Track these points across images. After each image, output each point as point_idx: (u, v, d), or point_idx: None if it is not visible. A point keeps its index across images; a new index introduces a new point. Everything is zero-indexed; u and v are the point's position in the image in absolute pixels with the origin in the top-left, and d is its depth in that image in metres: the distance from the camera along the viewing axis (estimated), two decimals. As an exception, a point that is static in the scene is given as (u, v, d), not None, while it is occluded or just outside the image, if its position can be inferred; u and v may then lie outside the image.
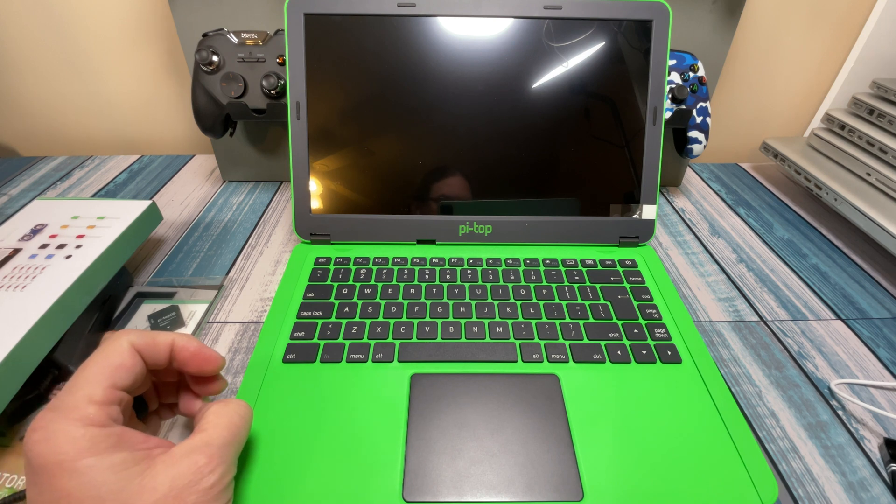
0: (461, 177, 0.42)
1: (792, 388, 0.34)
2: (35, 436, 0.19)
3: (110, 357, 0.21)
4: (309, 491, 0.25)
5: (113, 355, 0.22)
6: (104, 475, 0.18)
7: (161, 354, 0.23)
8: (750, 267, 0.45)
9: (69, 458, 0.18)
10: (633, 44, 0.40)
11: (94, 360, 0.21)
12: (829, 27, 0.60)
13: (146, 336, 0.23)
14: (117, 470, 0.19)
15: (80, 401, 0.20)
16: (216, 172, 0.59)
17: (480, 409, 0.29)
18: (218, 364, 0.25)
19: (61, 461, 0.18)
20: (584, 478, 0.26)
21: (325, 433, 0.28)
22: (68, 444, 0.18)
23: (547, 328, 0.35)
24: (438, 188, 0.42)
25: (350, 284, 0.38)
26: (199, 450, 0.21)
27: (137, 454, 0.20)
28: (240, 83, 0.45)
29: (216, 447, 0.21)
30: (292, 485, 0.25)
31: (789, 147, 0.57)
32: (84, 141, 0.68)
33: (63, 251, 0.35)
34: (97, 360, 0.21)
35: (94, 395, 0.20)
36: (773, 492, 0.25)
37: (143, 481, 0.19)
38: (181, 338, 0.24)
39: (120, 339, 0.22)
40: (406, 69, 0.40)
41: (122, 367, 0.21)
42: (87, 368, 0.21)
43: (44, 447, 0.18)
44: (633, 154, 0.41)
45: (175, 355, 0.24)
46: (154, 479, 0.19)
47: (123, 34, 0.59)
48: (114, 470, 0.19)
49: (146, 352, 0.23)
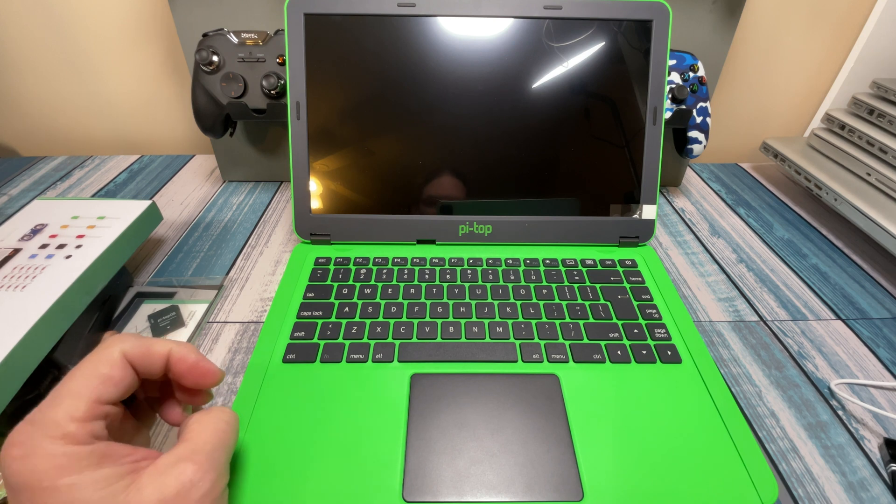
0: (461, 177, 0.42)
1: (792, 388, 0.34)
2: (13, 451, 0.18)
3: (99, 367, 0.20)
4: (309, 491, 0.25)
5: (102, 365, 0.20)
6: (87, 492, 0.17)
7: (156, 365, 0.22)
8: (750, 267, 0.45)
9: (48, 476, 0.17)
10: (633, 44, 0.40)
11: (81, 369, 0.20)
12: (829, 27, 0.60)
13: (141, 345, 0.21)
14: (101, 486, 0.18)
15: (62, 417, 0.18)
16: (216, 172, 0.59)
17: (480, 409, 0.29)
18: (216, 378, 0.23)
19: (40, 479, 0.17)
20: (584, 478, 0.26)
21: (324, 433, 0.28)
22: (47, 461, 0.17)
23: (547, 328, 0.35)
24: (438, 188, 0.42)
25: (350, 284, 0.38)
26: (187, 458, 0.20)
27: (122, 468, 0.19)
28: (240, 83, 0.45)
29: (204, 454, 0.20)
30: (292, 485, 0.25)
31: (789, 147, 0.57)
32: (84, 141, 0.68)
33: (63, 251, 0.35)
34: (84, 371, 0.20)
35: (77, 411, 0.19)
36: (773, 492, 0.25)
37: (129, 496, 0.18)
38: (179, 348, 0.22)
39: (112, 347, 0.21)
40: (406, 69, 0.40)
41: (110, 381, 0.20)
42: (73, 379, 0.20)
43: (21, 465, 0.17)
44: (633, 154, 0.41)
45: (171, 366, 0.22)
46: (140, 492, 0.18)
47: (123, 34, 0.59)
48: (97, 486, 0.18)
49: (139, 362, 0.21)
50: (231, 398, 0.32)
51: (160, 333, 0.36)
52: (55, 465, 0.17)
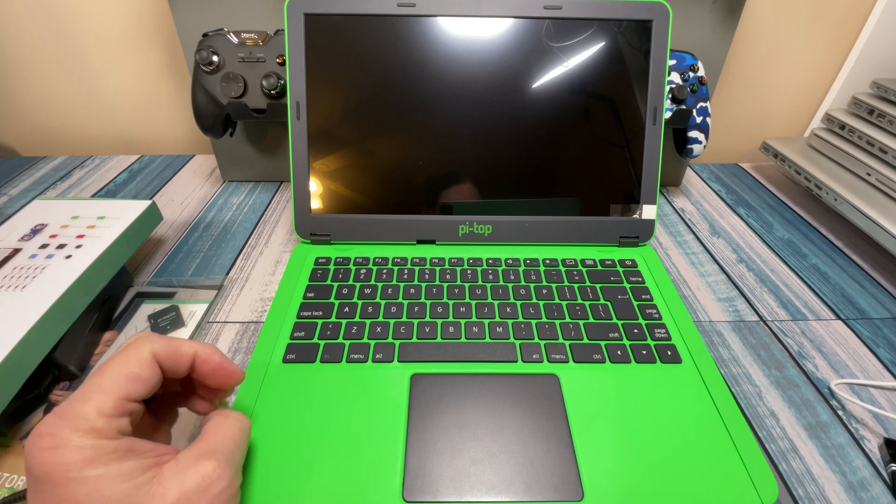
0: (461, 177, 0.42)
1: (792, 388, 0.34)
2: (42, 442, 0.18)
3: (130, 365, 0.21)
4: (309, 491, 0.25)
5: (132, 364, 0.21)
6: (112, 484, 0.18)
7: (182, 365, 0.23)
8: (750, 267, 0.45)
9: (76, 467, 0.18)
10: (633, 44, 0.40)
11: (111, 365, 0.21)
12: (829, 27, 0.60)
13: (169, 346, 0.22)
14: (125, 479, 0.18)
15: (91, 411, 0.19)
16: (216, 172, 0.59)
17: (480, 409, 0.29)
18: (239, 379, 0.24)
19: (67, 470, 0.18)
20: (584, 478, 0.26)
21: (324, 433, 0.28)
22: (76, 453, 0.18)
23: (547, 328, 0.35)
24: (438, 188, 0.42)
25: (350, 284, 0.38)
26: (206, 455, 0.20)
27: (145, 462, 0.20)
28: (240, 83, 0.45)
29: (223, 453, 0.21)
30: (292, 485, 0.25)
31: (789, 147, 0.57)
32: (84, 141, 0.68)
33: (63, 251, 0.35)
34: (114, 368, 0.21)
35: (105, 406, 0.19)
36: (773, 492, 0.25)
37: (152, 488, 0.19)
38: (204, 349, 0.23)
39: (142, 346, 0.21)
40: (406, 69, 0.40)
41: (139, 379, 0.21)
42: (103, 375, 0.20)
43: (49, 456, 0.18)
44: (633, 154, 0.41)
45: (196, 367, 0.23)
46: (162, 485, 0.19)
47: (123, 34, 0.59)
48: (122, 479, 0.18)
49: (167, 362, 0.22)
50: (231, 398, 0.32)
51: (160, 333, 0.36)
52: (83, 458, 0.18)
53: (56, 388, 0.32)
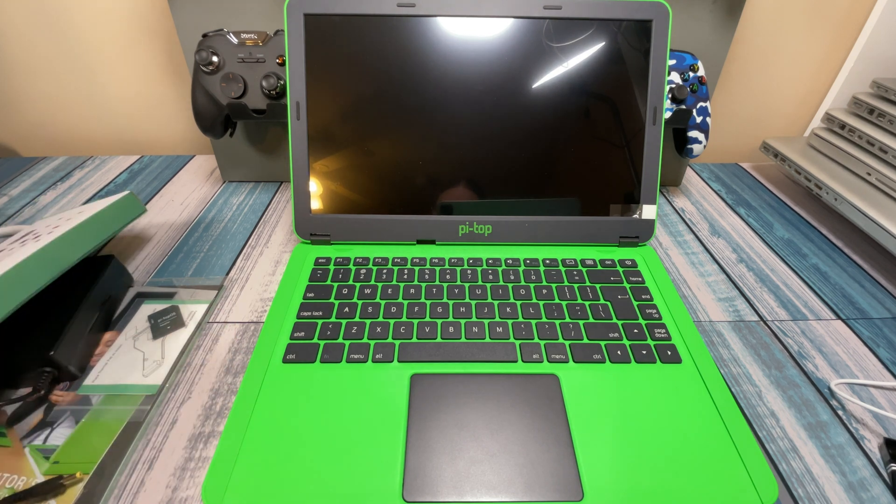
0: (461, 177, 0.42)
1: (792, 388, 0.34)
2: None
3: None
4: (309, 491, 0.25)
5: None
6: None
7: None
8: (750, 267, 0.45)
9: None
10: (632, 44, 0.40)
11: None
12: (829, 27, 0.60)
13: None
14: None
15: None
16: (216, 173, 0.59)
17: (480, 409, 0.29)
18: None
19: None
20: (584, 478, 0.26)
21: (324, 433, 0.28)
22: None
23: (547, 328, 0.35)
24: (438, 188, 0.42)
25: (350, 284, 0.38)
26: None
27: None
28: (240, 83, 0.45)
29: None
30: (292, 485, 0.25)
31: (789, 147, 0.57)
32: (84, 141, 0.68)
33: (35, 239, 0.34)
34: None
35: None
36: (773, 492, 0.25)
37: None
38: None
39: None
40: (406, 69, 0.40)
41: None
42: None
43: None
44: (633, 154, 0.41)
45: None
46: None
47: (123, 34, 0.59)
48: None
49: None
50: (231, 398, 0.32)
51: (160, 333, 0.36)
52: None
53: (56, 389, 0.32)
